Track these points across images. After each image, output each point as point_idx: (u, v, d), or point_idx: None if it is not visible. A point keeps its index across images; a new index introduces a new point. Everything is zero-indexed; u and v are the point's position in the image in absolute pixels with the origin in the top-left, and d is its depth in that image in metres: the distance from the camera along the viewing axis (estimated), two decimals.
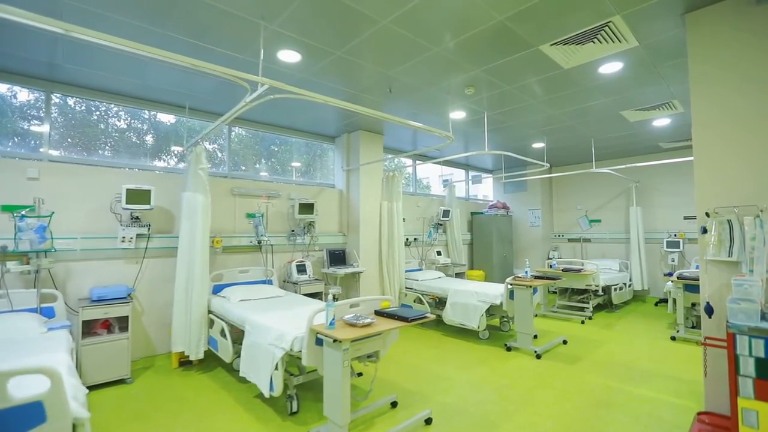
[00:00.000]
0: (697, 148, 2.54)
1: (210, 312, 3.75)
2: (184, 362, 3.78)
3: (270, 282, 4.53)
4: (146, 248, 3.87)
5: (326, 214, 5.48)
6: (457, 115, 4.74)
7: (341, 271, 4.94)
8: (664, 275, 6.79)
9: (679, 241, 6.58)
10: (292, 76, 3.55)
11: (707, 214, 2.43)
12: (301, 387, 3.28)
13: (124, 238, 3.66)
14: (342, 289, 5.19)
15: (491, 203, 7.82)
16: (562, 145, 6.28)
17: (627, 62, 3.35)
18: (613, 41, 2.99)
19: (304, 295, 4.45)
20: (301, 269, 4.79)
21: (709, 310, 2.35)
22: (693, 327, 4.93)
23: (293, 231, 5.02)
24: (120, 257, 3.75)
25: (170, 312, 3.75)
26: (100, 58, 3.22)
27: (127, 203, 3.54)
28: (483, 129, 4.96)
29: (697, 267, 6.19)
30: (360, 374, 3.20)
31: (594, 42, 3.00)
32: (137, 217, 3.77)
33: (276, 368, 2.62)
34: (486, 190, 9.89)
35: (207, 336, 3.68)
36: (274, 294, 4.00)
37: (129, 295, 3.54)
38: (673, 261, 6.62)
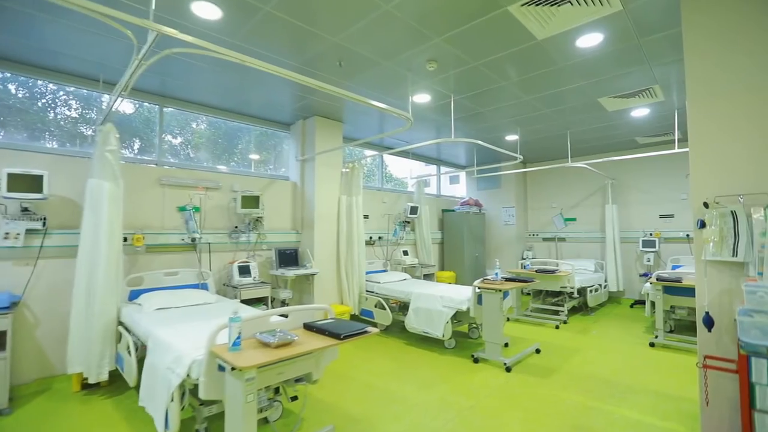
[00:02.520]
0: (693, 126, 2.10)
1: (120, 323, 3.11)
2: (91, 384, 3.12)
3: (204, 286, 3.90)
4: (41, 247, 3.19)
5: (277, 209, 4.89)
6: (421, 98, 4.24)
7: (291, 272, 4.36)
8: (640, 276, 6.52)
9: (654, 241, 6.31)
10: (216, 39, 2.95)
11: (705, 205, 1.99)
12: (219, 417, 2.68)
13: (8, 234, 2.98)
14: (293, 293, 4.61)
15: (463, 200, 7.38)
16: (536, 137, 5.89)
17: (608, 34, 2.92)
18: (593, 2, 2.54)
19: (243, 301, 3.85)
20: (245, 271, 4.18)
21: (709, 322, 1.92)
22: (671, 331, 4.61)
23: (236, 228, 4.40)
24: (5, 258, 3.05)
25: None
26: None
27: (8, 191, 2.86)
28: (451, 115, 4.48)
29: (674, 267, 5.92)
30: (294, 398, 2.65)
31: (572, 3, 2.54)
32: (26, 209, 3.09)
33: (172, 399, 2.03)
34: (463, 190, 9.47)
35: (114, 353, 3.04)
36: (202, 300, 3.39)
37: (13, 303, 2.86)
38: (649, 261, 6.35)
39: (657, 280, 4.34)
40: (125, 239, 3.49)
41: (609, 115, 4.86)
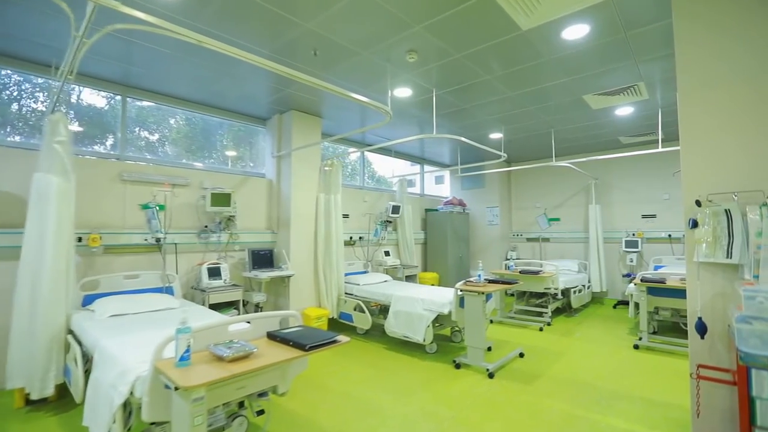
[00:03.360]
0: (684, 119, 1.98)
1: (71, 332, 2.83)
2: (36, 400, 2.83)
3: (169, 290, 3.64)
4: None
5: (251, 208, 4.64)
6: (402, 92, 4.07)
7: (265, 274, 4.12)
8: (623, 276, 6.49)
9: (637, 241, 6.29)
10: (177, 21, 2.71)
11: (698, 203, 1.87)
12: None
13: None
14: (267, 296, 4.38)
15: (446, 199, 7.25)
16: (521, 135, 5.79)
17: (595, 25, 2.80)
18: None
19: (212, 305, 3.61)
20: (215, 273, 3.94)
21: (702, 329, 1.79)
22: (654, 333, 4.55)
23: (206, 227, 4.14)
24: None
25: None
26: None
27: None
28: (433, 111, 4.32)
29: (656, 268, 5.90)
30: (261, 412, 2.44)
31: None
32: None
33: (114, 421, 1.79)
34: (448, 190, 9.35)
35: (63, 364, 2.76)
36: (164, 306, 3.13)
37: None
38: (632, 261, 6.32)
39: (641, 281, 4.26)
40: (79, 239, 3.21)
41: (593, 113, 4.78)
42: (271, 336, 1.98)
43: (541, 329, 4.97)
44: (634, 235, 6.44)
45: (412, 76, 3.68)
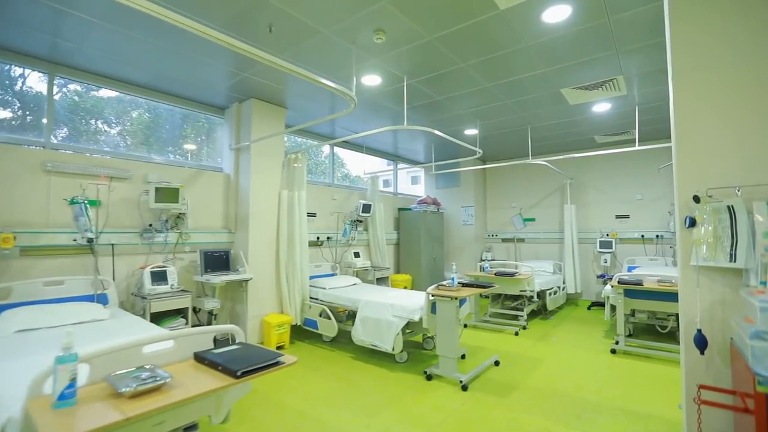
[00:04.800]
0: (678, 104, 1.75)
1: None
2: None
3: (102, 298, 3.18)
4: None
5: (206, 205, 4.21)
6: (371, 80, 3.75)
7: (218, 278, 3.71)
8: (597, 277, 6.41)
9: (611, 241, 6.22)
10: None
11: (696, 199, 1.64)
12: None
13: None
14: (222, 302, 3.96)
15: (420, 198, 6.99)
16: (497, 132, 5.58)
17: (577, 6, 2.57)
18: None
19: (154, 314, 3.18)
20: (160, 278, 3.49)
21: (702, 343, 1.56)
22: (630, 335, 4.41)
23: (151, 226, 3.69)
24: None
25: None
26: None
27: None
28: (404, 102, 4.03)
29: (629, 269, 5.83)
30: None
31: None
32: None
33: None
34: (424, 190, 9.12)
35: None
36: (90, 317, 2.69)
37: None
38: (606, 262, 6.25)
39: (618, 283, 4.12)
40: None
41: (571, 109, 4.61)
42: (199, 358, 1.61)
43: (516, 333, 4.76)
44: (608, 235, 6.37)
45: (380, 62, 3.37)
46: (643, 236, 6.11)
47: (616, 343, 4.12)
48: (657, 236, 5.97)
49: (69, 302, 2.88)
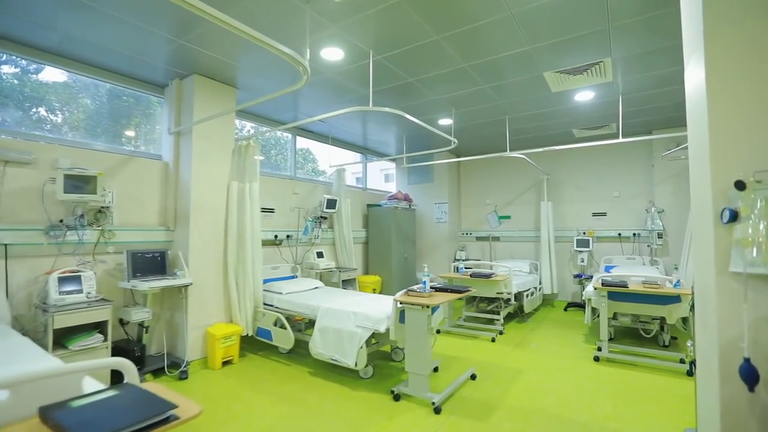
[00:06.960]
0: (712, 66, 1.36)
1: None
2: None
3: None
4: None
5: (138, 198, 3.57)
6: (332, 53, 3.25)
7: (146, 284, 3.11)
8: (574, 277, 6.17)
9: (588, 240, 5.99)
10: None
11: (740, 185, 1.24)
12: None
13: None
14: (155, 312, 3.36)
15: (390, 194, 6.53)
16: (473, 123, 5.20)
17: None
18: None
19: (58, 331, 2.56)
20: (72, 284, 2.86)
21: (751, 376, 1.17)
22: (611, 339, 4.13)
23: (61, 222, 3.04)
24: None
25: None
26: None
27: None
28: (370, 80, 3.55)
29: (607, 269, 5.60)
30: None
31: None
32: None
33: None
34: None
35: None
36: None
37: None
38: (583, 261, 6.01)
39: (602, 285, 3.81)
40: None
41: (551, 98, 4.28)
42: (45, 417, 1.07)
43: (493, 339, 4.40)
44: (585, 233, 6.14)
45: (341, 30, 2.87)
46: (620, 234, 5.91)
47: (599, 349, 3.81)
48: (634, 234, 5.79)
49: None
